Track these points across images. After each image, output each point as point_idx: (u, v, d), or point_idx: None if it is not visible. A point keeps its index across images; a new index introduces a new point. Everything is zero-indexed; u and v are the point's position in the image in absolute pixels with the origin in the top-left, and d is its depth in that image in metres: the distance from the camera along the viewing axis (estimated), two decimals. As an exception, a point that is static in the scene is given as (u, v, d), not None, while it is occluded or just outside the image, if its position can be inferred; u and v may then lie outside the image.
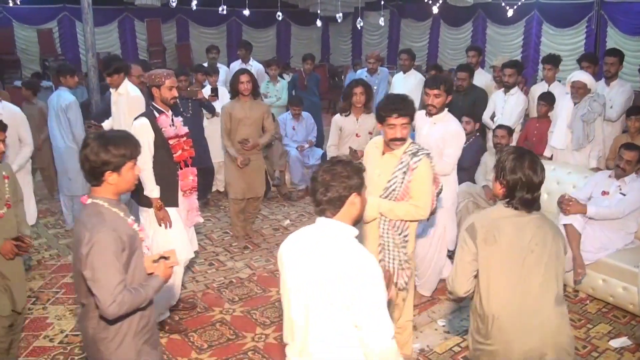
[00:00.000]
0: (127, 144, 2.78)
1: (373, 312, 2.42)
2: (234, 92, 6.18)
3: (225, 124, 6.18)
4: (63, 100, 6.63)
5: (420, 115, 5.01)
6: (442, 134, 4.93)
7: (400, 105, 3.82)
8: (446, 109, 5.00)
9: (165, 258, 3.03)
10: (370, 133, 5.84)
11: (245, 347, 4.60)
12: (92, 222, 2.69)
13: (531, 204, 2.97)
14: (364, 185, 2.60)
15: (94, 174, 2.74)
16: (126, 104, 5.67)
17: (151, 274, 2.94)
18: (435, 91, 4.87)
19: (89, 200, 2.79)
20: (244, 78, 6.08)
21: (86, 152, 2.71)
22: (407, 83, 8.12)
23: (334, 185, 2.51)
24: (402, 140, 3.86)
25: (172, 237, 4.61)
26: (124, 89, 5.74)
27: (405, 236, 3.92)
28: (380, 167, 3.94)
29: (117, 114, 5.81)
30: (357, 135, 5.88)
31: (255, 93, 6.30)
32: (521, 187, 2.95)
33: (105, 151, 2.70)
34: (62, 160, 6.74)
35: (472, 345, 3.10)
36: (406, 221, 3.90)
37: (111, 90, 5.88)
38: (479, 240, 2.95)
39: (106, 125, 5.90)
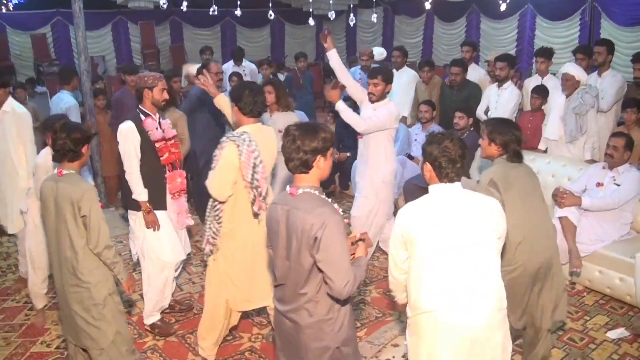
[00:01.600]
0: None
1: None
2: None
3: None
4: (64, 102, 6.73)
5: (366, 104, 5.49)
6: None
7: None
8: (387, 97, 5.44)
9: (362, 240, 3.10)
10: (280, 131, 5.85)
11: (242, 348, 4.59)
12: (316, 207, 2.77)
13: (521, 155, 3.90)
14: None
15: (307, 164, 2.85)
16: (13, 122, 5.38)
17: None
18: (374, 80, 5.29)
19: (300, 190, 2.85)
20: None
21: (298, 144, 2.82)
22: (400, 80, 8.10)
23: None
24: None
25: (163, 240, 4.61)
26: (10, 107, 5.44)
27: (217, 214, 4.01)
28: None
29: (3, 134, 5.39)
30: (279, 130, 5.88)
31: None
32: (513, 143, 3.84)
33: (316, 139, 2.83)
34: None
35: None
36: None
37: None
38: (501, 190, 3.77)
39: None
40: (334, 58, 5.44)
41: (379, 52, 9.64)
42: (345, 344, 2.95)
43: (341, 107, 5.21)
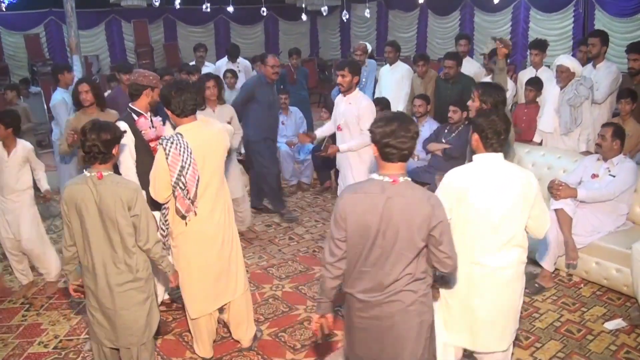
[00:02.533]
0: None
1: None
2: (77, 104, 5.76)
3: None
4: (52, 100, 6.75)
5: (339, 97, 5.76)
6: (356, 111, 5.51)
7: None
8: (357, 89, 5.65)
9: None
10: (228, 122, 5.93)
11: (240, 345, 4.58)
12: (425, 193, 2.95)
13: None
14: None
15: (411, 152, 2.98)
16: None
17: None
18: (342, 72, 5.51)
19: (402, 178, 2.91)
20: (83, 88, 5.64)
21: (412, 134, 2.92)
22: (394, 75, 8.10)
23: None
24: None
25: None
26: None
27: (164, 215, 4.04)
28: None
29: None
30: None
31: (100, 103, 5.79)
32: (502, 104, 4.02)
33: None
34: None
35: None
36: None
37: None
38: None
39: None
40: (344, 149, 5.59)
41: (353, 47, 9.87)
42: (434, 316, 3.16)
43: (346, 148, 5.56)
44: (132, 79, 4.54)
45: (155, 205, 4.34)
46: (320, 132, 6.20)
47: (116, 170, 4.38)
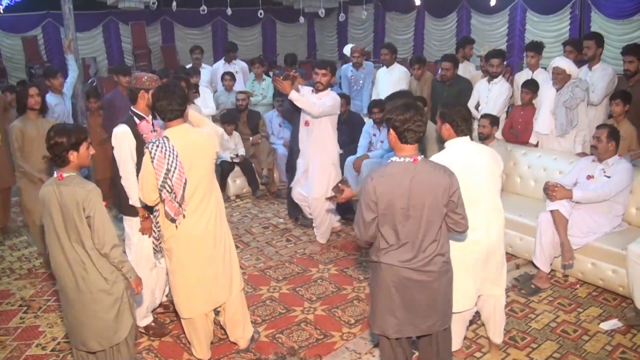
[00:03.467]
0: None
1: None
2: (23, 108, 5.85)
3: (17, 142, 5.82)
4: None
5: (308, 94, 6.04)
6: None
7: None
8: (329, 88, 6.08)
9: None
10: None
11: (236, 347, 4.59)
12: (442, 167, 3.37)
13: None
14: None
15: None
16: None
17: None
18: (323, 71, 5.94)
19: (419, 157, 3.33)
20: (33, 91, 5.75)
21: (425, 118, 3.44)
22: (391, 77, 8.13)
23: None
24: None
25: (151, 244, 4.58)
26: None
27: (155, 218, 4.17)
28: None
29: None
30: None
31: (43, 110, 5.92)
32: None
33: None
34: None
35: None
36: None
37: None
38: None
39: None
40: (294, 98, 5.77)
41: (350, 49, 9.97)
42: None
43: (295, 96, 5.76)
44: (130, 83, 4.57)
45: (148, 208, 4.36)
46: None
47: (116, 171, 4.44)
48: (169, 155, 3.80)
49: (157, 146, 3.81)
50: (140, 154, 4.31)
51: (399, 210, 3.28)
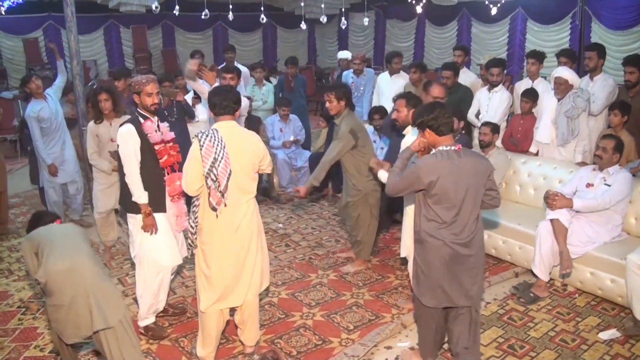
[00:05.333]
0: None
1: None
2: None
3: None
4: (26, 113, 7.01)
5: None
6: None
7: None
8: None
9: None
10: (112, 140, 5.91)
11: (236, 351, 4.60)
12: (478, 153, 4.04)
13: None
14: None
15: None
16: None
17: None
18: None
19: (460, 146, 3.81)
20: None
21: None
22: (396, 84, 8.09)
23: None
24: None
25: (161, 244, 4.61)
26: None
27: (194, 209, 4.19)
28: None
29: None
30: (112, 140, 5.86)
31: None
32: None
33: None
34: None
35: None
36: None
37: None
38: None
39: None
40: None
41: (345, 55, 10.07)
42: None
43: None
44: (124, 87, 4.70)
45: (158, 206, 4.45)
46: None
47: (121, 169, 4.55)
48: (217, 145, 3.95)
49: (207, 136, 3.97)
50: (144, 153, 4.50)
51: (451, 192, 3.72)
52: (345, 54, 11.06)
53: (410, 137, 4.78)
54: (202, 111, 7.10)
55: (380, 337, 4.75)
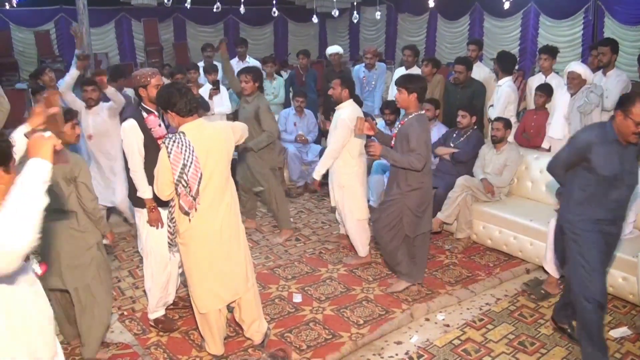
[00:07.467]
0: None
1: None
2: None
3: None
4: None
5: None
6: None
7: None
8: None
9: None
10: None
11: (246, 344, 4.60)
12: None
13: None
14: None
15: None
16: None
17: None
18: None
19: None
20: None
21: None
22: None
23: None
24: None
25: (167, 238, 4.60)
26: None
27: (171, 212, 4.13)
28: None
29: None
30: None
31: None
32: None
33: None
34: None
35: None
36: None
37: None
38: None
39: None
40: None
41: (335, 50, 9.90)
42: None
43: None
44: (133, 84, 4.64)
45: (161, 202, 4.41)
46: None
47: (125, 164, 4.55)
48: (185, 150, 3.82)
49: (174, 141, 3.83)
50: (147, 147, 4.43)
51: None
52: (335, 49, 10.28)
53: (343, 111, 5.70)
54: (219, 103, 7.08)
55: (390, 332, 4.78)
